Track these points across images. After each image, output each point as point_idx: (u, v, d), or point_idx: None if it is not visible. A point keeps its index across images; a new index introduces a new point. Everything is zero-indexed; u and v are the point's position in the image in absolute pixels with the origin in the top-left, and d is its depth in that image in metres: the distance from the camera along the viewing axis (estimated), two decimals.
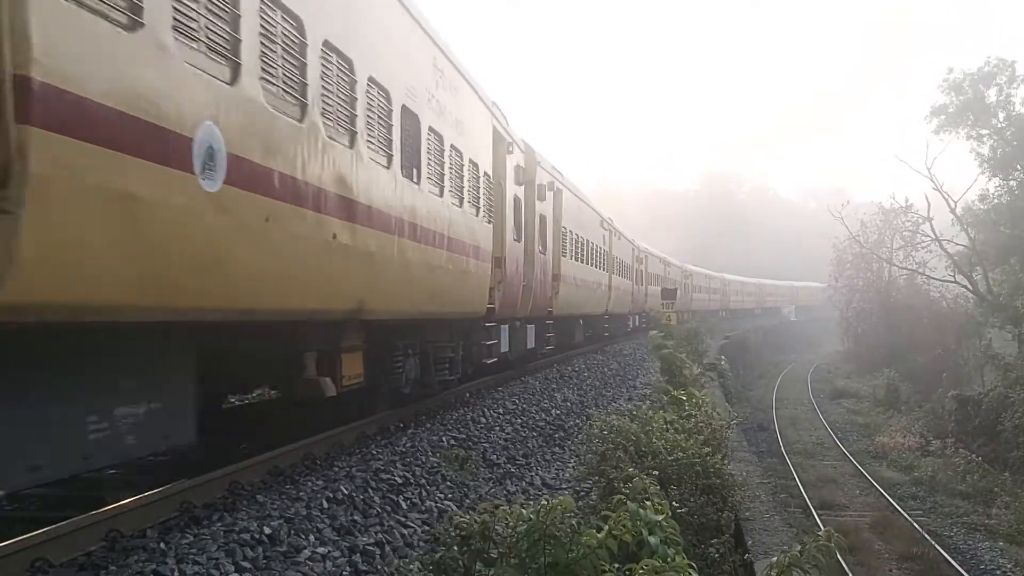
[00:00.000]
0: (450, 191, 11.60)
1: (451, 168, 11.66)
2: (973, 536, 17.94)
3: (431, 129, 10.71)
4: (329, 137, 7.57)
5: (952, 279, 43.46)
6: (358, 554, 6.42)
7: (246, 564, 5.71)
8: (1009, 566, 15.96)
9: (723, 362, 34.28)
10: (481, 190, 13.39)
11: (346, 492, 7.60)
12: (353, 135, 8.14)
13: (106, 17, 4.61)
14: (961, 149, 41.23)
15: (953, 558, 15.86)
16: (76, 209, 4.45)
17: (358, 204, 8.19)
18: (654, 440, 9.25)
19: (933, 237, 43.77)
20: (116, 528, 5.88)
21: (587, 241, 25.46)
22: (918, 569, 15.50)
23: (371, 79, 8.63)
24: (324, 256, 7.51)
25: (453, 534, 5.55)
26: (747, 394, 40.59)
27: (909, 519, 18.39)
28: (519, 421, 13.44)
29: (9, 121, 3.97)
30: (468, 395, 14.89)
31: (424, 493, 8.42)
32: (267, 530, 6.29)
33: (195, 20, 5.47)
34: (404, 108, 9.64)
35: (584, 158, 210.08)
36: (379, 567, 6.34)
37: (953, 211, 41.40)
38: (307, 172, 7.08)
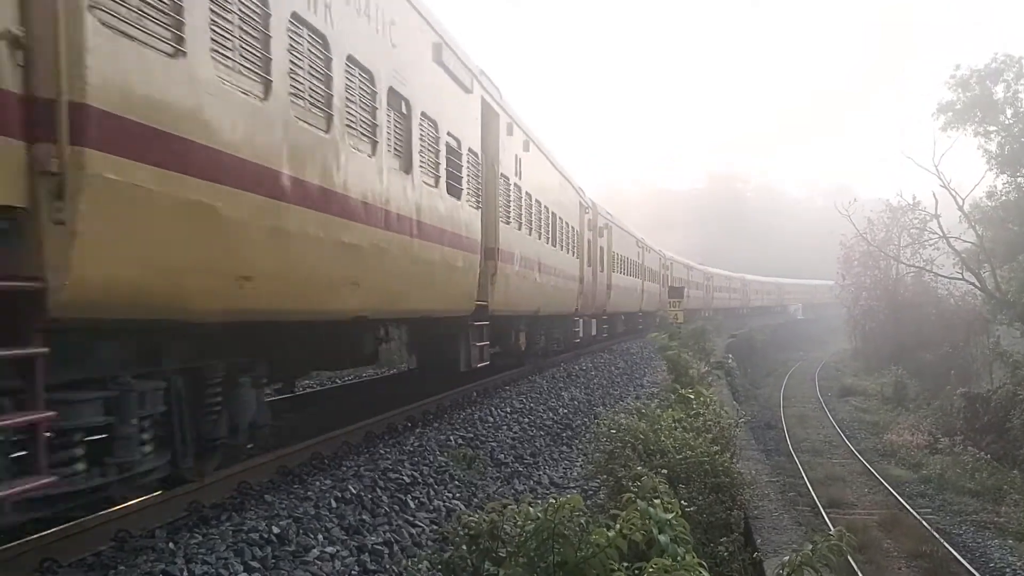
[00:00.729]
0: (566, 247, 21.63)
1: (564, 234, 21.52)
2: (982, 534, 17.85)
3: (560, 218, 20.86)
4: (548, 241, 19.01)
5: (960, 276, 43.27)
6: (367, 553, 6.42)
7: (255, 564, 5.71)
8: (1019, 564, 15.86)
9: (730, 360, 34.20)
10: (575, 240, 23.29)
11: (354, 491, 7.60)
12: (547, 237, 19.07)
13: (520, 228, 16.43)
14: (968, 146, 40.93)
15: (962, 556, 15.79)
16: (507, 280, 14.80)
17: (544, 264, 18.29)
18: (662, 439, 9.23)
19: (941, 234, 43.59)
20: (125, 528, 5.89)
21: (627, 258, 34.37)
22: (927, 567, 15.43)
23: (552, 212, 19.58)
24: (537, 287, 17.65)
25: (462, 533, 5.53)
26: (755, 392, 40.50)
27: (918, 517, 18.31)
28: (526, 420, 13.43)
29: (494, 260, 14.01)
30: (475, 394, 14.88)
31: (432, 492, 8.41)
32: (276, 530, 6.28)
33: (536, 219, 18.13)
34: (554, 214, 19.89)
35: (585, 157, 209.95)
36: (387, 566, 6.33)
37: (961, 208, 41.21)
38: (548, 259, 18.70)
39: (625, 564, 4.68)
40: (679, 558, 4.69)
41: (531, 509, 5.14)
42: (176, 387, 6.33)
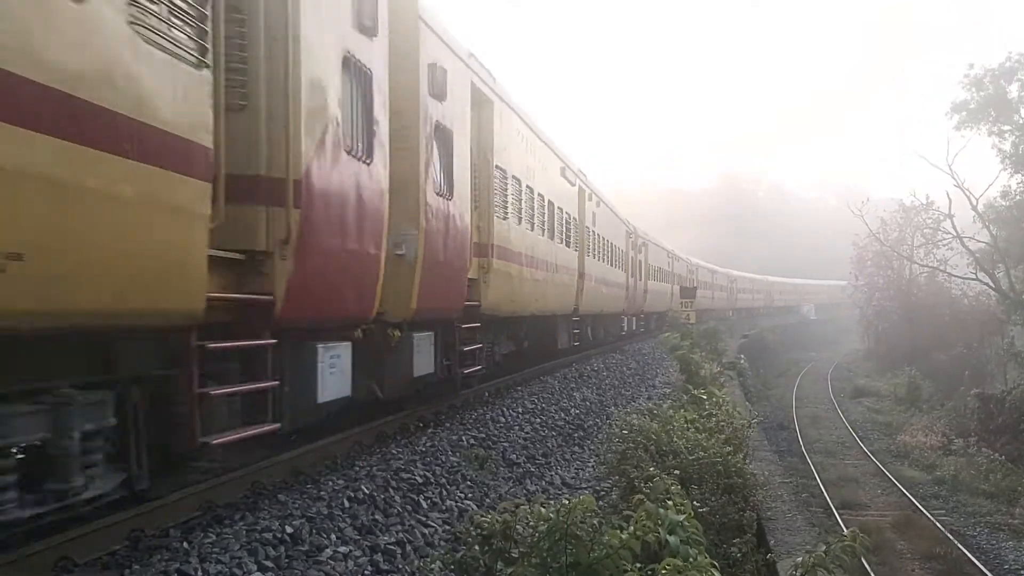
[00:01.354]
0: (618, 264, 29.60)
1: (617, 256, 29.43)
2: (996, 535, 17.74)
3: (615, 245, 28.54)
4: (608, 263, 27.91)
5: (974, 276, 43.03)
6: (379, 553, 6.43)
7: (268, 563, 5.73)
8: None
9: (742, 361, 34.15)
10: (623, 258, 31.01)
11: (367, 491, 7.61)
12: (608, 260, 27.72)
13: (594, 257, 25.21)
14: (983, 145, 40.73)
15: (976, 558, 15.70)
16: (587, 292, 23.17)
17: (606, 279, 26.79)
18: (675, 439, 9.22)
19: (955, 234, 43.33)
20: (139, 528, 5.91)
21: (660, 268, 42.31)
22: (941, 569, 15.34)
23: (611, 243, 28.31)
24: (601, 295, 26.09)
25: (474, 533, 5.54)
26: (767, 393, 40.32)
27: (931, 518, 18.22)
28: (538, 420, 13.43)
29: (582, 279, 22.68)
30: (487, 394, 14.89)
31: (444, 492, 8.42)
32: (289, 529, 6.30)
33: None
34: (612, 244, 28.26)
35: (587, 156, 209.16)
36: (400, 566, 6.34)
37: (975, 208, 40.98)
38: (608, 276, 27.52)
39: (638, 565, 4.68)
40: (691, 559, 4.69)
41: (543, 510, 5.15)
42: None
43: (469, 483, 9.00)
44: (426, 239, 10.01)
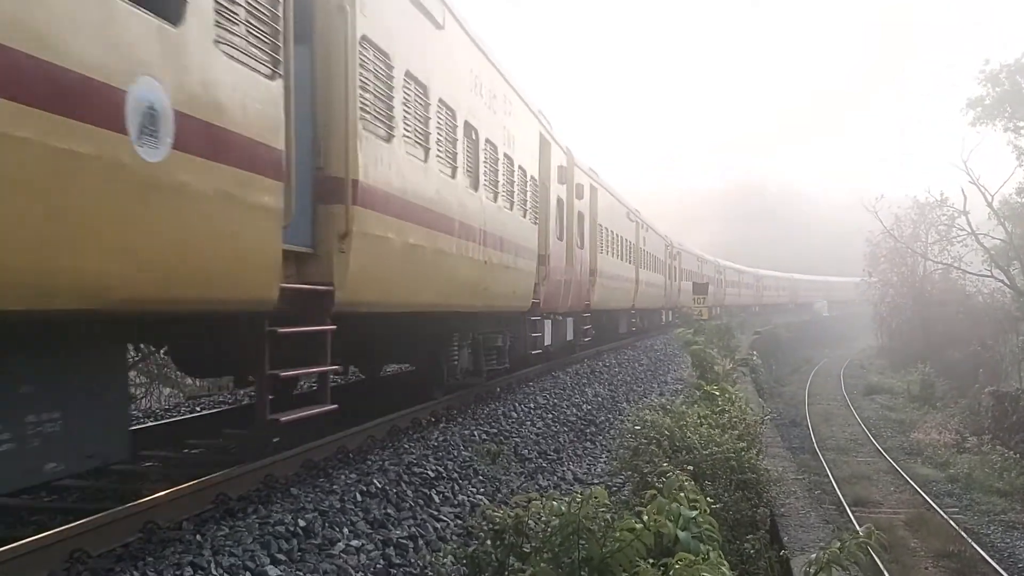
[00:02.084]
0: (658, 270, 37.49)
1: (658, 264, 37.42)
2: (1011, 534, 17.64)
3: (657, 257, 37.30)
4: (652, 269, 36.09)
5: (989, 273, 42.71)
6: (392, 547, 6.44)
7: (281, 556, 5.74)
8: None
9: (755, 357, 34.00)
10: (663, 267, 38.89)
11: (379, 485, 7.62)
12: (652, 268, 35.88)
13: (644, 267, 33.92)
14: (999, 142, 40.40)
15: (990, 556, 15.62)
16: (640, 292, 31.78)
17: (650, 282, 34.93)
18: (688, 435, 9.17)
19: (969, 231, 43.01)
20: (153, 520, 5.92)
21: (690, 270, 49.35)
22: (954, 567, 15.28)
23: (654, 256, 36.66)
24: (648, 295, 34.56)
25: (486, 528, 5.52)
26: (779, 390, 40.20)
27: (945, 516, 18.13)
28: (550, 416, 13.42)
29: (637, 284, 31.20)
30: (499, 389, 14.89)
31: (456, 487, 8.42)
32: (302, 523, 6.31)
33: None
34: (655, 256, 36.77)
35: (586, 157, 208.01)
36: (412, 560, 6.34)
37: (990, 204, 40.68)
38: (652, 279, 35.65)
39: (651, 560, 4.65)
40: (701, 554, 4.65)
41: (555, 503, 5.12)
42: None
43: (481, 478, 9.00)
44: (574, 271, 18.96)
